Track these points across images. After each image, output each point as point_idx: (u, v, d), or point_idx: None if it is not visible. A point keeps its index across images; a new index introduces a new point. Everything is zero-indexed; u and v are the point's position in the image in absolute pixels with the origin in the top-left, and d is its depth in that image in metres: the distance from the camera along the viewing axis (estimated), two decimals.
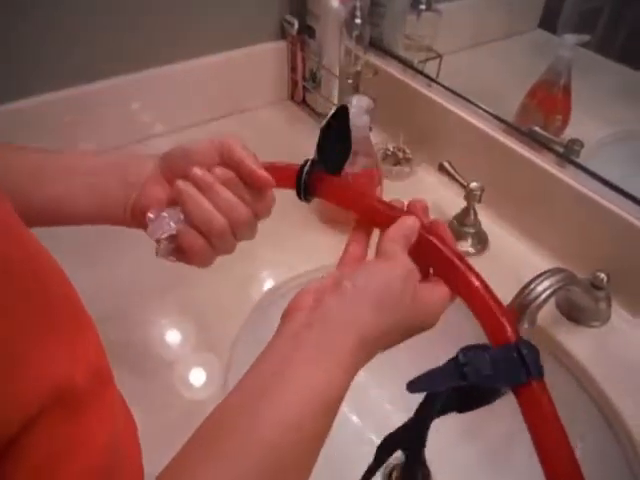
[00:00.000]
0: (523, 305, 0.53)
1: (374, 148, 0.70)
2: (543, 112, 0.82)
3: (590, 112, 0.82)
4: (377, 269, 0.38)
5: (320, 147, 0.47)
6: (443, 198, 0.77)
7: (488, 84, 0.86)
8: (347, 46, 0.83)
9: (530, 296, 0.53)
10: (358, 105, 0.64)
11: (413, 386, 0.35)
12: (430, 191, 0.79)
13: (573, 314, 0.64)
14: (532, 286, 0.53)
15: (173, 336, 0.63)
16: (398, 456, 0.67)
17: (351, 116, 0.65)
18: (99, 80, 0.80)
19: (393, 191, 0.79)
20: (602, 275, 0.62)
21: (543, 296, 0.53)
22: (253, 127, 0.91)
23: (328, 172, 0.46)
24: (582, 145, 0.75)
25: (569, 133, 0.80)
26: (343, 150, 0.48)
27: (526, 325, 0.53)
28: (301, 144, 0.87)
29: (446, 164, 0.71)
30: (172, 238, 0.42)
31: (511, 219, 0.75)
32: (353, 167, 0.68)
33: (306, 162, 0.45)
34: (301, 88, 0.92)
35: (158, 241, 0.42)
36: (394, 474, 0.66)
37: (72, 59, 0.77)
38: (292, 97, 0.95)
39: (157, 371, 0.59)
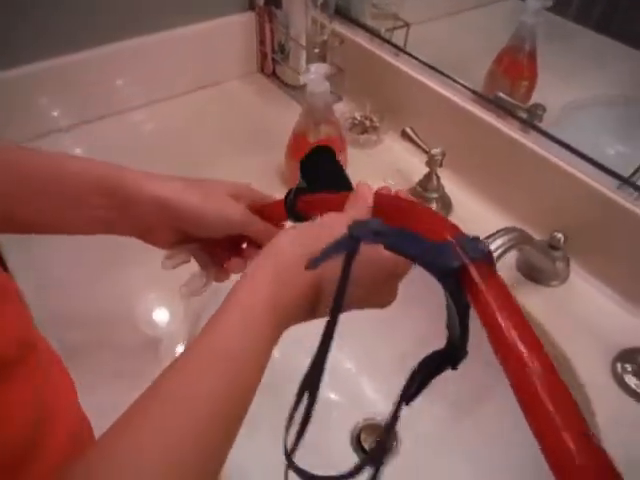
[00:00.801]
0: None
1: (336, 116, 0.71)
2: (509, 78, 0.82)
3: (559, 78, 0.83)
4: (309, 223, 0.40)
5: (305, 178, 0.46)
6: (408, 164, 0.78)
7: (458, 53, 0.86)
8: (313, 15, 0.83)
9: None
10: (317, 72, 0.65)
11: (311, 264, 0.35)
12: (396, 158, 0.80)
13: (533, 275, 0.66)
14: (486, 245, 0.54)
15: (143, 305, 0.64)
16: (369, 417, 0.69)
17: (310, 84, 0.66)
18: (67, 54, 0.80)
19: (360, 159, 0.80)
20: (559, 235, 0.64)
21: (496, 254, 0.54)
22: (223, 100, 0.91)
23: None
24: (544, 109, 0.76)
25: (536, 98, 0.80)
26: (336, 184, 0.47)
27: None
28: (271, 116, 0.88)
29: (408, 130, 0.72)
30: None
31: (476, 184, 0.76)
32: (316, 135, 0.69)
33: (290, 191, 0.46)
34: (270, 60, 0.92)
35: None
36: (362, 435, 0.68)
37: (44, 32, 0.76)
38: (262, 69, 0.95)
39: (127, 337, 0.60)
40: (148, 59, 0.86)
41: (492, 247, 0.54)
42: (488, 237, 0.55)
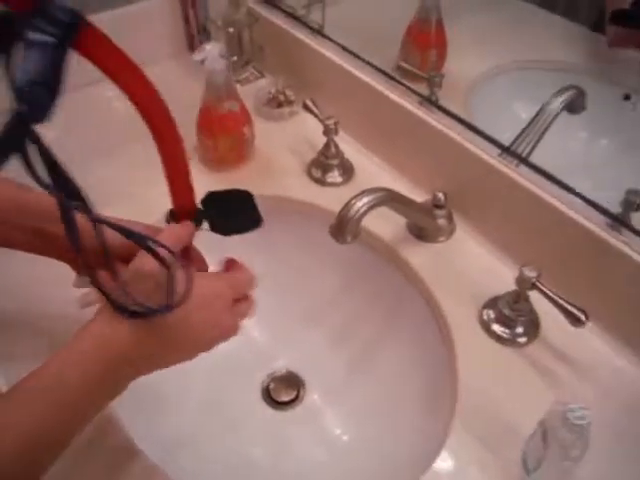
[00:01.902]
0: (345, 219, 0.58)
1: (237, 90, 0.75)
2: (418, 49, 0.86)
3: (477, 46, 0.86)
4: None
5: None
6: (317, 136, 0.81)
7: (377, 28, 0.89)
8: None
9: (350, 211, 0.58)
10: (211, 52, 0.69)
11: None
12: (307, 130, 0.84)
13: (420, 233, 0.70)
14: (352, 202, 0.58)
15: None
16: (280, 368, 0.74)
17: (208, 62, 0.71)
18: None
19: (272, 132, 0.85)
20: (440, 195, 0.68)
21: (362, 210, 0.58)
22: (154, 81, 0.95)
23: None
24: (442, 76, 0.80)
25: (452, 66, 0.84)
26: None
27: (349, 238, 0.59)
28: (198, 94, 0.92)
29: (309, 102, 0.76)
30: None
31: (377, 151, 0.81)
32: (219, 110, 0.74)
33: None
34: (197, 40, 0.96)
35: None
36: (271, 385, 0.73)
37: None
38: (192, 49, 0.99)
39: None
40: None
41: (359, 204, 0.58)
42: (356, 195, 0.59)
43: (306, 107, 0.76)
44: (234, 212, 0.46)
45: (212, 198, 0.45)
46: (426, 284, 0.66)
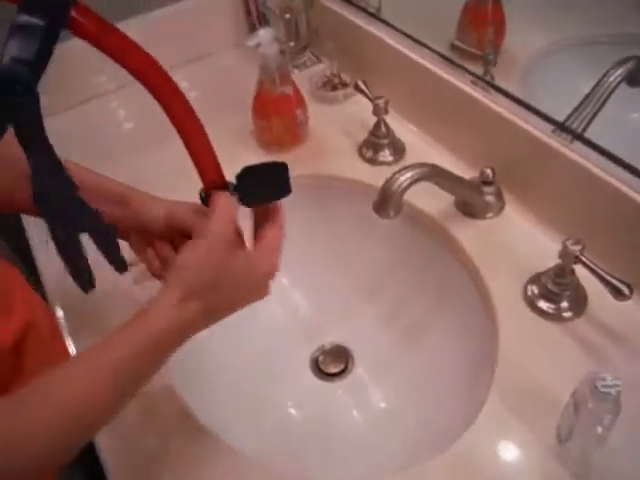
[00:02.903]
0: (388, 192, 0.59)
1: (290, 75, 0.78)
2: (475, 28, 0.86)
3: (536, 23, 0.84)
4: None
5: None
6: (368, 116, 0.82)
7: (434, 8, 0.89)
8: None
9: (393, 185, 0.59)
10: (265, 37, 0.72)
11: None
12: (359, 111, 0.85)
13: (467, 210, 0.70)
14: (395, 176, 0.60)
15: None
16: (329, 341, 0.77)
17: (262, 47, 0.74)
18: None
19: (325, 113, 0.87)
20: (488, 171, 0.68)
21: (404, 184, 0.59)
22: (217, 71, 1.00)
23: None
24: (497, 54, 0.79)
25: (508, 45, 0.83)
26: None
27: (392, 213, 0.60)
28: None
29: (360, 83, 0.78)
30: None
31: (432, 132, 0.81)
32: (272, 93, 0.77)
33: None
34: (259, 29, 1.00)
35: None
36: (320, 358, 0.76)
37: None
38: None
39: None
40: (140, 39, 0.95)
41: (402, 178, 0.59)
42: (398, 171, 0.60)
43: (357, 87, 0.78)
44: (265, 183, 0.48)
45: (247, 172, 0.47)
46: (472, 260, 0.66)
